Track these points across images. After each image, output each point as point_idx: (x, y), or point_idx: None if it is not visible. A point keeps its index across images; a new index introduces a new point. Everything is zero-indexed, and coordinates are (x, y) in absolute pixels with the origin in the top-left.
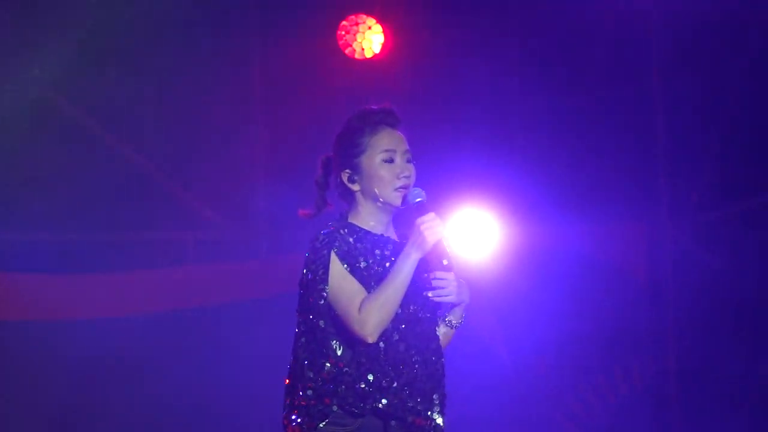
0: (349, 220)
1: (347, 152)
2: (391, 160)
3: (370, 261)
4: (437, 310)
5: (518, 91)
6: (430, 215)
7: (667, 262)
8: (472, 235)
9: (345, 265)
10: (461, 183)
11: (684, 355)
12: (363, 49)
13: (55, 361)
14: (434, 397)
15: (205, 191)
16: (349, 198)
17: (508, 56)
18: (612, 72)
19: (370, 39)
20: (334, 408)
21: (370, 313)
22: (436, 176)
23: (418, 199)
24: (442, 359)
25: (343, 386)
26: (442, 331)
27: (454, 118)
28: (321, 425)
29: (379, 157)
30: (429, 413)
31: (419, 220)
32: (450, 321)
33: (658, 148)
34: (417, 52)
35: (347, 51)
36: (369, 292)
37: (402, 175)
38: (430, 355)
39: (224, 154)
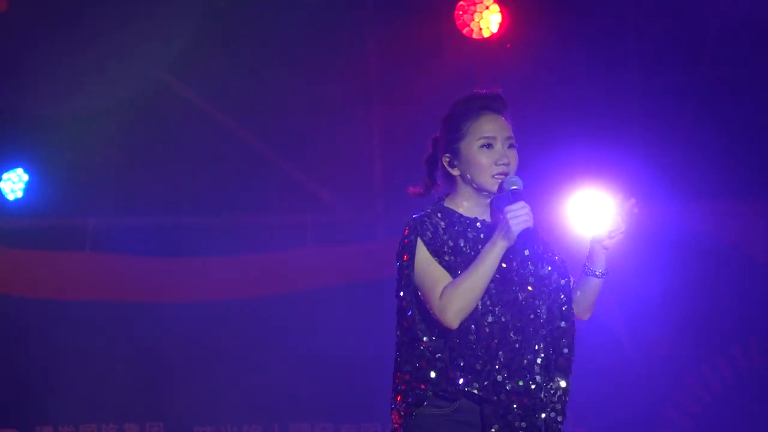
0: (446, 204)
1: (449, 137)
2: (489, 146)
3: (461, 245)
4: (547, 283)
5: (637, 71)
6: (519, 204)
7: None
8: (592, 215)
9: (431, 251)
10: (579, 163)
11: None
12: (481, 29)
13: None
14: (545, 362)
15: (321, 173)
16: (449, 181)
17: (626, 37)
18: (732, 49)
19: (488, 18)
20: (429, 393)
21: (450, 299)
22: (552, 156)
23: (514, 187)
24: (559, 322)
25: (434, 372)
26: (589, 285)
27: (570, 98)
28: (417, 410)
29: (477, 144)
30: (540, 385)
31: (507, 208)
32: (595, 271)
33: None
34: (534, 32)
35: (465, 30)
36: (455, 276)
37: (500, 162)
38: (539, 327)
39: (340, 136)
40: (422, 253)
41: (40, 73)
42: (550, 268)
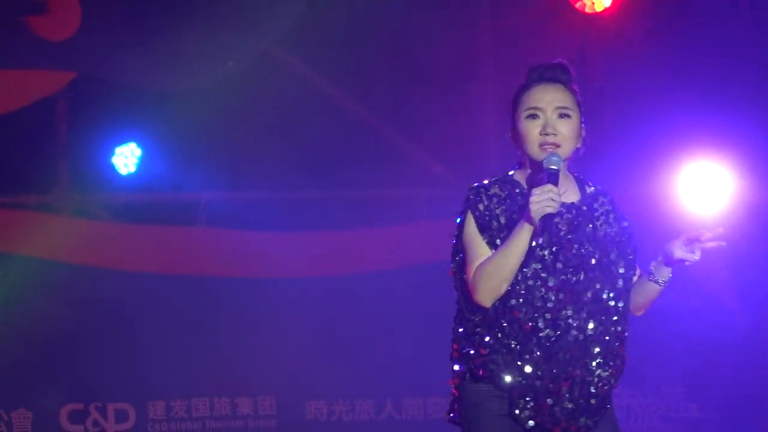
0: (515, 176)
1: (510, 111)
2: (534, 116)
3: (515, 219)
4: (610, 276)
5: (753, 44)
6: (545, 188)
7: None
8: (705, 190)
9: (478, 226)
10: (694, 137)
11: None
12: (593, 3)
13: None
14: (585, 370)
15: (434, 147)
16: (517, 154)
17: (740, 6)
18: None
19: None
20: (471, 367)
21: (479, 279)
22: (668, 130)
23: (553, 167)
24: (607, 328)
25: (473, 348)
26: (647, 288)
27: (686, 70)
28: (464, 382)
29: (524, 114)
30: (575, 396)
31: (533, 191)
32: (656, 279)
33: None
34: (647, 6)
35: (578, 5)
36: None
37: (545, 132)
38: (585, 325)
39: (454, 110)
40: (470, 226)
41: (152, 47)
42: (611, 255)
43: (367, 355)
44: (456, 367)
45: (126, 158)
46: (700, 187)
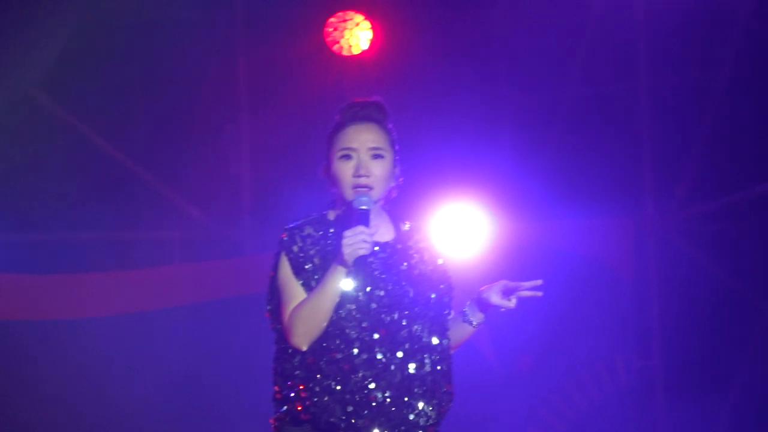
0: (329, 215)
1: (326, 148)
2: (347, 157)
3: (329, 259)
4: (426, 313)
5: (505, 86)
6: (357, 230)
7: (653, 257)
8: (460, 232)
9: (292, 268)
10: (449, 178)
11: (669, 352)
12: (351, 46)
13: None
14: (409, 409)
15: (190, 190)
16: (331, 192)
17: (496, 52)
18: (599, 68)
19: (357, 35)
20: (291, 410)
21: (294, 322)
22: (424, 171)
23: (363, 207)
24: (429, 366)
25: (292, 391)
26: (458, 329)
27: (442, 113)
28: (283, 423)
29: (337, 155)
30: (399, 412)
31: (345, 233)
32: (470, 320)
33: (644, 144)
34: (405, 48)
35: (335, 48)
36: None
37: (357, 174)
38: (405, 365)
39: (209, 152)
40: (284, 269)
41: None
42: (426, 292)
43: (130, 395)
44: (278, 409)
45: None
46: (455, 229)
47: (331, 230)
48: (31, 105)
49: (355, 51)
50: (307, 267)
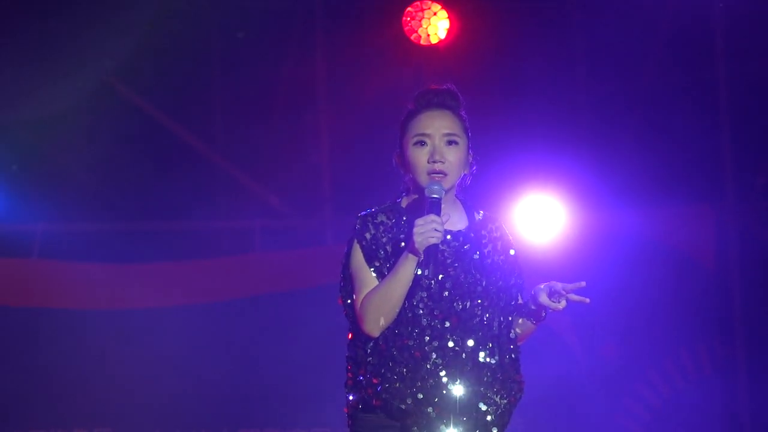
0: (402, 203)
1: (399, 135)
2: (422, 143)
3: (401, 247)
4: (497, 303)
5: (584, 78)
6: (429, 218)
7: (734, 245)
8: (538, 221)
9: (364, 255)
10: (526, 169)
11: (752, 341)
12: (428, 35)
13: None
14: (479, 397)
15: (270, 179)
16: (404, 180)
17: (574, 42)
18: (676, 57)
19: (435, 25)
20: (364, 395)
21: (367, 309)
22: (501, 162)
23: (434, 196)
24: (498, 355)
25: (364, 377)
26: (519, 322)
27: (519, 104)
28: (357, 410)
29: (412, 141)
30: (471, 425)
31: (416, 222)
32: (532, 319)
33: (724, 131)
34: (482, 38)
35: (413, 37)
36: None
37: (432, 159)
38: (476, 354)
39: (290, 141)
40: (357, 256)
41: None
42: (498, 281)
43: (201, 385)
44: (350, 396)
45: None
46: (535, 218)
47: (404, 218)
48: (109, 94)
49: (433, 40)
50: (379, 255)
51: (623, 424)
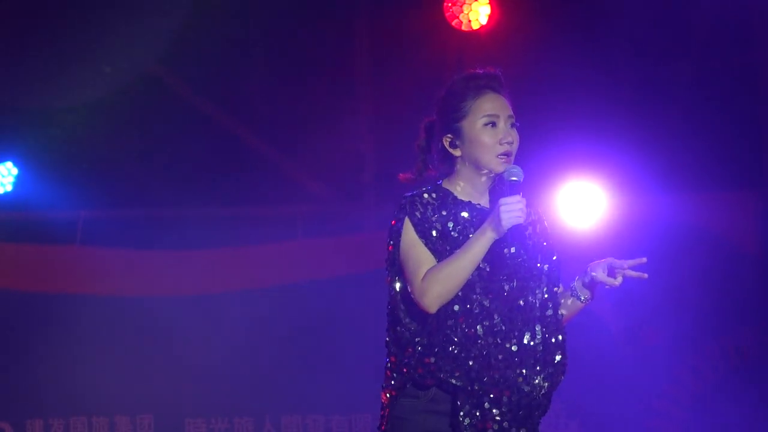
0: (444, 185)
1: (449, 116)
2: (493, 124)
3: (450, 228)
4: (540, 285)
5: (626, 64)
6: (515, 198)
7: None
8: (580, 207)
9: (417, 232)
10: (568, 156)
11: None
12: (470, 21)
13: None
14: (524, 378)
15: (313, 166)
16: (449, 163)
17: (616, 27)
18: (719, 40)
19: (477, 10)
20: (409, 378)
21: (431, 283)
22: (542, 149)
23: (514, 178)
24: (543, 336)
25: (412, 357)
26: (568, 303)
27: (560, 89)
28: (399, 394)
29: (481, 122)
30: (522, 377)
31: (502, 200)
32: (579, 296)
33: (766, 117)
34: (523, 23)
35: (454, 23)
36: (441, 260)
37: (504, 141)
38: (527, 318)
39: (330, 128)
40: (409, 233)
41: (29, 66)
42: (539, 264)
43: (245, 372)
44: (392, 381)
45: (2, 177)
46: (576, 205)
47: (449, 199)
48: (152, 81)
49: (474, 26)
50: (431, 233)
51: (660, 407)
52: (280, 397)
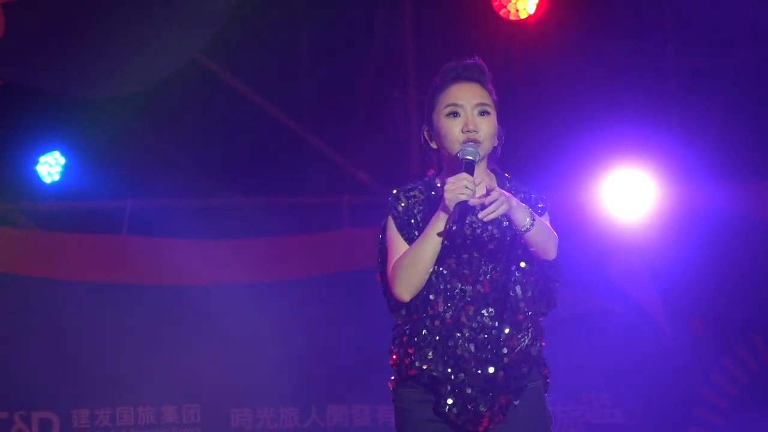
0: (434, 180)
1: (425, 110)
2: (455, 114)
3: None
4: (512, 272)
5: (674, 51)
6: (460, 176)
7: None
8: (628, 196)
9: (397, 226)
10: (616, 144)
11: None
12: (518, 10)
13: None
14: (491, 370)
15: (358, 155)
16: (434, 156)
17: (664, 16)
18: (765, 33)
19: (524, 0)
20: (404, 370)
21: (396, 273)
22: (590, 137)
23: (469, 157)
24: (509, 330)
25: (401, 348)
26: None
27: (608, 78)
28: (398, 386)
29: (444, 112)
30: (484, 387)
31: (448, 180)
32: (518, 228)
33: None
34: (571, 12)
35: (502, 12)
36: None
37: (466, 129)
38: (492, 326)
39: (378, 117)
40: (390, 228)
41: (76, 55)
42: (509, 239)
43: (291, 362)
44: (393, 373)
45: (50, 167)
46: (624, 194)
47: (433, 192)
48: (198, 71)
49: (522, 15)
50: (411, 224)
51: (708, 399)
52: (326, 386)
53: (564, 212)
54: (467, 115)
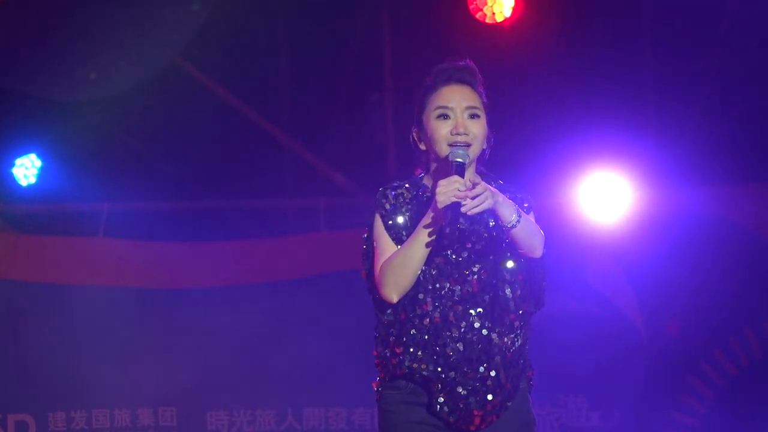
0: (423, 180)
1: (415, 111)
2: (445, 116)
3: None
4: (500, 273)
5: (650, 54)
6: (452, 179)
7: None
8: (604, 199)
9: (384, 225)
10: (592, 147)
11: None
12: (494, 13)
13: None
14: (481, 369)
15: (334, 157)
16: (423, 157)
17: (639, 19)
18: (743, 33)
19: (501, 3)
20: (390, 370)
21: (384, 273)
22: (566, 141)
23: (458, 160)
24: (497, 331)
25: (388, 349)
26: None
27: (584, 81)
28: (383, 386)
29: (434, 114)
30: (476, 387)
31: (440, 182)
32: (504, 224)
33: None
34: (548, 16)
35: (478, 15)
36: None
37: (455, 131)
38: (481, 325)
39: (354, 120)
40: (377, 227)
41: (52, 58)
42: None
43: (268, 365)
44: (378, 374)
45: (26, 169)
46: (600, 197)
47: (421, 192)
48: (176, 74)
49: (499, 18)
50: (399, 222)
51: (689, 404)
52: (303, 389)
53: (541, 215)
54: (457, 118)
